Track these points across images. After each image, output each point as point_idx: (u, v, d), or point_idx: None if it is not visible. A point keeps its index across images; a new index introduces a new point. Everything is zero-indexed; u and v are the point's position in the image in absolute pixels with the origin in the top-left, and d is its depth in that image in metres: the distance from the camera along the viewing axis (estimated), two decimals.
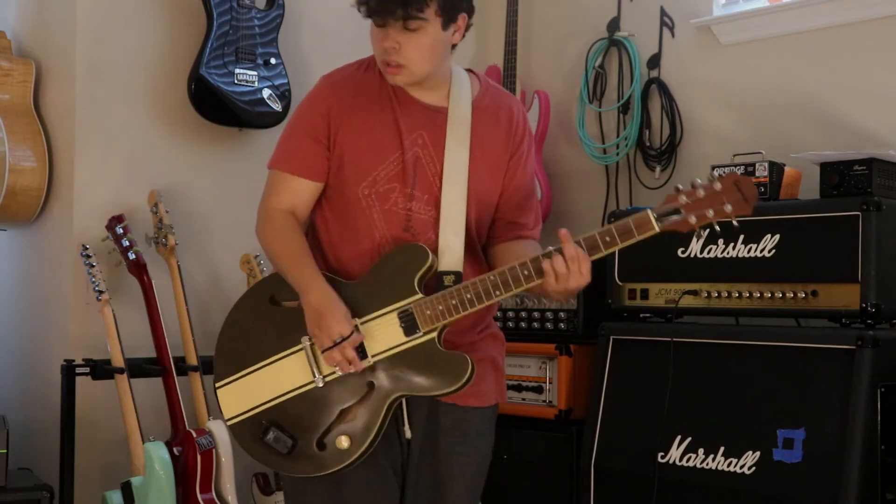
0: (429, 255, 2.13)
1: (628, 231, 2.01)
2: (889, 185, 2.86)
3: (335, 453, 2.13)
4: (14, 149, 3.57)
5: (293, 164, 2.24)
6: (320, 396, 2.15)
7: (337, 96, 2.23)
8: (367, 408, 2.13)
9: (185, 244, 3.55)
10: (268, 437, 2.16)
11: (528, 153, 2.32)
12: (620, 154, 3.89)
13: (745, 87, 3.61)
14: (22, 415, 3.68)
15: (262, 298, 2.25)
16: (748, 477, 2.76)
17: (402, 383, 2.12)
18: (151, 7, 3.65)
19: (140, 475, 3.18)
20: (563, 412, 3.31)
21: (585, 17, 4.07)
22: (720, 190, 1.97)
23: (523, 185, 2.31)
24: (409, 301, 2.11)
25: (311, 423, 2.15)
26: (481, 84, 2.31)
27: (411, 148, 2.21)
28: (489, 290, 2.08)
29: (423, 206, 2.21)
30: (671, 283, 3.09)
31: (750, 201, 1.96)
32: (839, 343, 2.69)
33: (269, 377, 2.20)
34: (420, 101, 2.23)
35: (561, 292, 2.06)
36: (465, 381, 2.09)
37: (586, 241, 2.05)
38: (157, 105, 3.66)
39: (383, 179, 2.20)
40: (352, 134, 2.21)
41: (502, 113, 2.30)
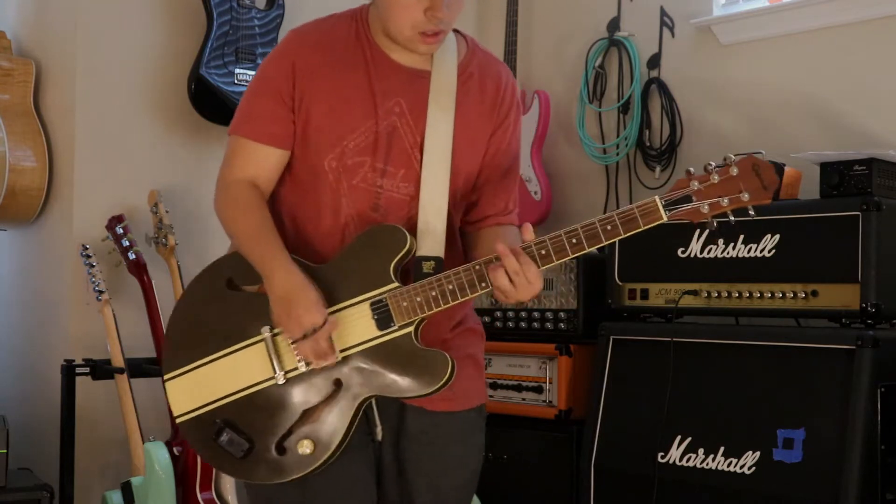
0: (407, 237, 1.90)
1: (632, 220, 1.79)
2: (889, 185, 2.86)
3: (297, 459, 1.90)
4: (14, 149, 3.57)
5: (255, 130, 1.98)
6: (281, 395, 1.92)
7: (304, 53, 1.97)
8: (333, 409, 1.90)
9: (185, 244, 3.54)
10: (221, 439, 1.93)
11: (513, 127, 2.08)
12: (620, 154, 3.89)
13: (745, 87, 3.61)
14: (22, 415, 3.68)
15: (219, 281, 2.00)
16: (748, 477, 2.76)
17: (373, 383, 1.90)
18: (151, 7, 3.65)
19: (140, 475, 3.17)
20: (563, 412, 3.31)
21: (585, 17, 4.06)
22: (737, 175, 1.76)
23: (504, 162, 2.07)
24: (383, 290, 1.89)
25: (270, 424, 1.92)
26: (468, 46, 2.07)
27: (387, 117, 1.96)
28: (474, 282, 1.86)
29: (398, 182, 1.97)
30: (671, 283, 3.09)
31: (769, 188, 1.77)
32: (839, 343, 2.69)
33: (224, 371, 1.96)
34: (399, 63, 1.98)
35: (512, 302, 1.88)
36: (443, 382, 1.87)
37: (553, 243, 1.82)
38: (157, 105, 3.66)
39: (352, 151, 1.96)
40: (319, 98, 1.96)
41: (489, 80, 2.05)
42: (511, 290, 1.83)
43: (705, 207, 1.78)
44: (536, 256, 1.83)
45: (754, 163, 1.77)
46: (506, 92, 2.07)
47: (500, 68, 2.10)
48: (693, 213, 1.79)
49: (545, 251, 1.83)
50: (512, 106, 2.08)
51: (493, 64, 2.10)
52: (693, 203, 1.79)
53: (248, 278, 1.97)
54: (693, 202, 1.79)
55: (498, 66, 2.11)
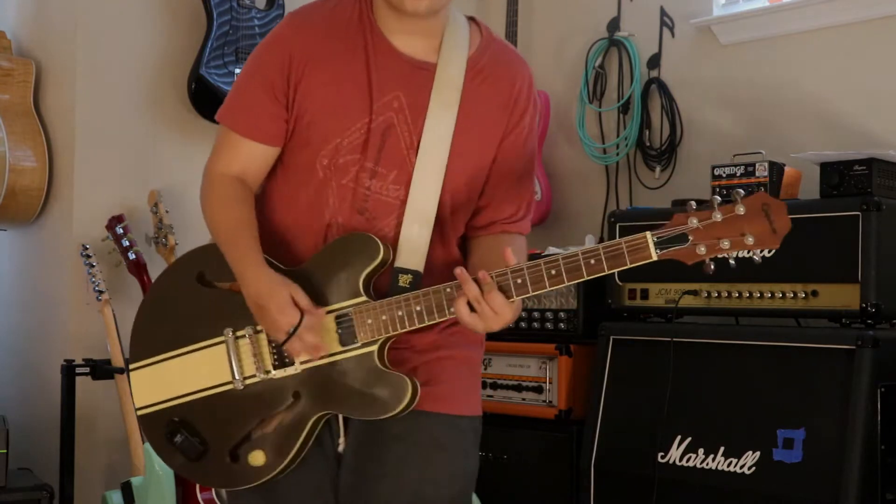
0: (380, 249, 1.78)
1: (619, 256, 1.63)
2: (889, 185, 2.86)
3: (247, 469, 1.83)
4: (14, 149, 3.57)
5: (245, 125, 1.87)
6: (238, 400, 1.84)
7: (301, 40, 1.84)
8: (288, 422, 1.81)
9: (185, 244, 3.54)
10: (175, 440, 1.88)
11: (528, 130, 1.91)
12: (620, 154, 3.89)
13: (745, 87, 3.61)
14: (22, 415, 3.68)
15: (190, 275, 1.92)
16: (748, 477, 2.76)
17: (329, 401, 1.80)
18: (151, 7, 3.65)
19: (140, 475, 3.17)
20: (563, 412, 3.30)
21: (585, 17, 4.06)
22: (743, 215, 1.60)
23: (517, 168, 1.91)
24: (350, 304, 1.78)
25: (225, 429, 1.85)
26: (482, 37, 1.90)
27: (383, 112, 1.81)
28: (443, 305, 1.72)
29: (389, 185, 1.83)
30: (671, 283, 3.09)
31: (780, 233, 1.61)
32: (839, 343, 2.69)
33: (186, 368, 1.89)
34: (402, 52, 1.83)
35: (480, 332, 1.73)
36: (402, 407, 1.74)
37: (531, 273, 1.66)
38: (157, 105, 3.66)
39: (345, 149, 1.83)
40: (313, 92, 1.83)
41: (503, 76, 1.88)
42: (472, 321, 1.69)
43: (702, 249, 1.63)
44: (511, 286, 1.68)
45: (765, 202, 1.60)
46: (521, 91, 1.90)
47: (515, 63, 1.93)
48: (687, 253, 1.63)
49: (521, 280, 1.67)
50: (528, 106, 1.91)
51: (509, 58, 1.92)
52: (689, 243, 1.63)
53: (220, 274, 1.88)
54: (689, 241, 1.63)
55: (515, 60, 1.93)
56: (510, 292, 1.68)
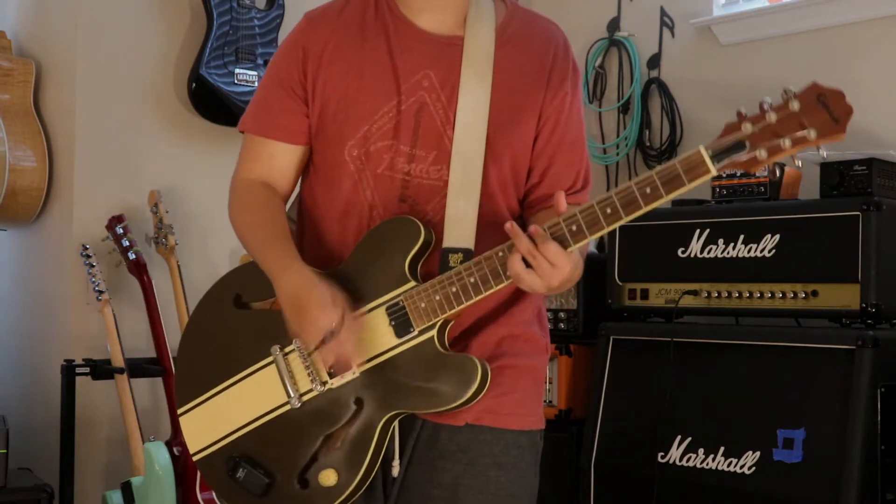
0: (420, 229, 1.66)
1: (675, 178, 1.49)
2: (889, 185, 2.86)
3: (321, 492, 1.68)
4: (14, 149, 3.57)
5: (264, 125, 1.80)
6: (299, 420, 1.70)
7: (315, 34, 1.77)
8: (356, 432, 1.67)
9: (185, 244, 3.54)
10: (238, 475, 1.74)
11: (572, 95, 1.80)
12: (620, 154, 3.89)
13: (745, 87, 3.61)
14: (22, 415, 3.68)
15: (226, 300, 1.82)
16: (748, 477, 2.76)
17: (396, 398, 1.66)
18: (152, 7, 3.65)
19: (140, 475, 3.17)
20: (563, 412, 3.30)
21: (585, 17, 4.06)
22: (799, 110, 1.45)
23: (566, 137, 1.78)
24: (399, 292, 1.66)
25: (289, 454, 1.71)
26: (507, 6, 1.81)
27: (413, 92, 1.72)
28: (497, 271, 1.59)
29: (429, 166, 1.72)
30: (671, 283, 3.09)
31: (842, 121, 1.43)
32: (839, 343, 2.69)
33: (238, 399, 1.76)
34: (426, 30, 1.74)
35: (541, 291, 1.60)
36: (472, 392, 1.62)
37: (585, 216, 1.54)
38: (157, 105, 3.66)
39: (376, 135, 1.73)
40: (333, 82, 1.75)
41: (535, 40, 1.79)
42: (528, 277, 1.55)
43: (762, 154, 1.46)
44: (566, 233, 1.54)
45: (819, 92, 1.44)
46: (557, 53, 1.79)
47: (549, 26, 1.83)
48: (749, 162, 1.48)
49: (576, 227, 1.54)
50: (569, 69, 1.80)
51: (540, 22, 1.82)
52: (747, 150, 1.48)
53: (256, 293, 1.77)
54: (747, 149, 1.48)
55: (547, 24, 1.83)
56: (566, 241, 1.55)
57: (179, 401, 1.84)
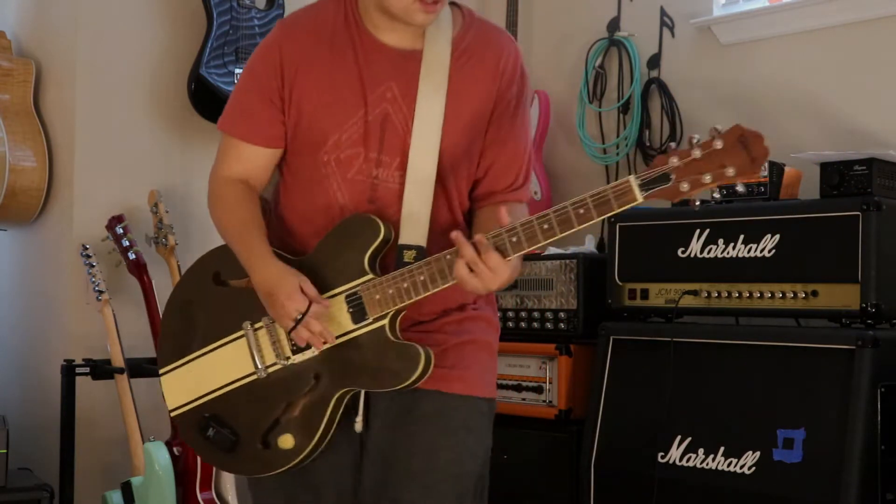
0: (380, 227, 1.86)
1: (606, 202, 1.68)
2: (889, 185, 2.86)
3: (280, 453, 1.91)
4: (14, 149, 3.57)
5: (242, 129, 1.97)
6: (264, 388, 1.93)
7: (290, 46, 1.93)
8: (312, 403, 1.89)
9: (185, 244, 3.54)
10: (208, 434, 1.97)
11: (517, 100, 1.97)
12: (620, 154, 3.89)
13: (745, 87, 3.61)
14: (22, 415, 3.68)
15: (206, 276, 2.03)
16: (748, 477, 2.76)
17: (348, 377, 1.88)
18: (151, 7, 3.65)
19: (140, 475, 3.18)
20: (563, 412, 3.30)
21: (585, 17, 4.07)
22: (721, 149, 1.63)
23: (509, 137, 1.97)
24: (358, 283, 1.86)
25: (254, 418, 1.93)
26: (464, 18, 1.97)
27: (378, 104, 1.90)
28: (444, 272, 1.79)
29: (393, 171, 1.91)
30: (671, 283, 3.09)
31: (758, 162, 1.61)
32: (839, 343, 2.69)
33: (212, 365, 1.98)
34: (389, 45, 1.92)
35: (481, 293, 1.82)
36: (416, 376, 1.83)
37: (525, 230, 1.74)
38: (157, 105, 3.66)
39: (346, 143, 1.91)
40: (308, 93, 1.92)
41: (489, 52, 1.94)
42: (471, 280, 1.76)
43: (685, 186, 1.65)
44: (508, 244, 1.75)
45: (741, 134, 1.63)
46: (507, 62, 1.96)
47: (501, 38, 1.99)
48: (672, 192, 1.66)
49: (516, 238, 1.75)
50: (515, 77, 1.97)
51: (493, 34, 1.99)
52: (672, 182, 1.66)
53: (234, 272, 1.97)
54: (672, 181, 1.66)
55: (499, 35, 1.99)
56: (506, 251, 1.75)
57: (161, 361, 2.07)
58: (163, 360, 2.07)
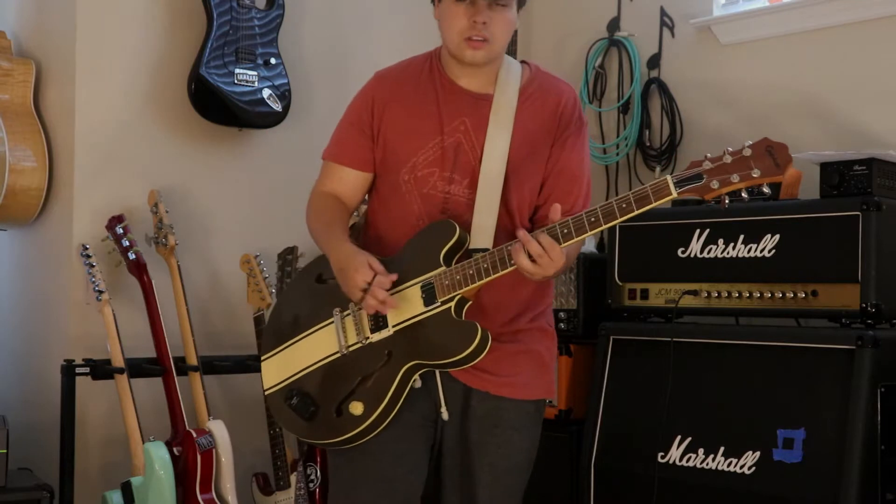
0: (455, 229, 2.16)
1: (645, 197, 1.95)
2: (889, 185, 2.86)
3: (349, 419, 2.18)
4: (14, 149, 3.57)
5: (336, 153, 2.34)
6: (343, 365, 2.22)
7: (382, 87, 2.32)
8: (383, 375, 2.16)
9: (185, 244, 3.54)
10: (291, 402, 2.25)
11: (574, 137, 2.30)
12: (620, 154, 3.90)
13: (745, 87, 3.61)
14: (22, 415, 3.68)
15: (311, 276, 2.35)
16: (748, 477, 2.76)
17: (415, 352, 2.15)
18: (151, 7, 3.65)
19: (140, 475, 3.17)
20: (563, 412, 3.31)
21: (585, 17, 4.07)
22: (749, 155, 1.90)
23: (567, 168, 2.28)
24: (432, 273, 2.15)
25: (333, 390, 2.22)
26: (532, 71, 2.33)
27: (452, 134, 2.25)
28: (505, 259, 2.08)
29: (463, 189, 2.24)
30: (671, 283, 3.09)
31: (783, 167, 1.90)
32: (839, 343, 2.69)
33: (305, 349, 2.29)
34: (465, 89, 2.28)
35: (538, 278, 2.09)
36: (472, 348, 2.09)
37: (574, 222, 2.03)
38: (157, 105, 3.66)
39: (422, 164, 2.25)
40: (394, 123, 2.28)
41: (550, 98, 2.30)
42: (533, 268, 2.03)
43: (715, 184, 1.90)
44: (559, 235, 2.03)
45: (768, 144, 1.89)
46: (565, 108, 2.28)
47: (561, 87, 2.32)
48: (703, 189, 1.92)
49: (567, 230, 2.02)
50: (572, 119, 2.29)
51: (554, 84, 2.33)
52: (704, 181, 1.91)
53: (332, 272, 2.24)
54: (704, 179, 1.91)
55: (560, 85, 2.33)
56: (558, 239, 2.03)
57: (264, 349, 2.39)
58: (264, 349, 2.38)
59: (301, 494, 3.33)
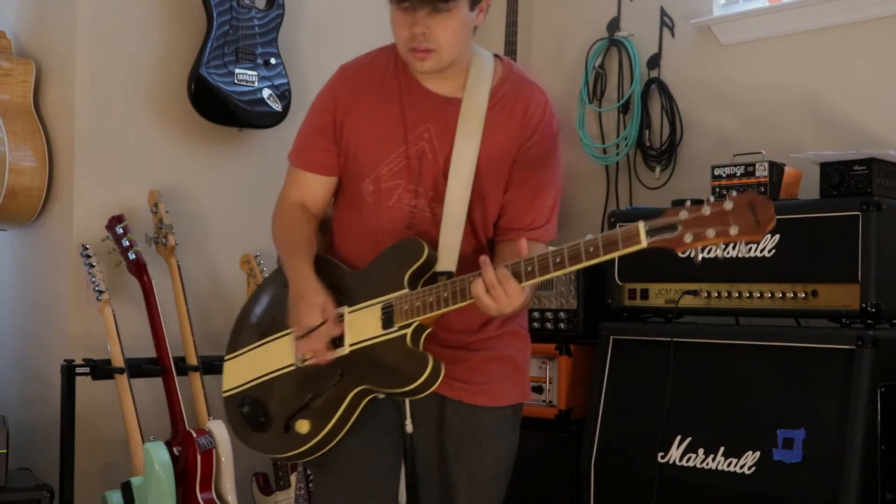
0: (423, 251, 2.04)
1: (613, 243, 1.82)
2: (889, 185, 2.86)
3: (295, 436, 2.10)
4: (14, 149, 3.57)
5: (301, 159, 2.23)
6: (297, 379, 2.13)
7: (345, 88, 2.18)
8: (333, 396, 2.07)
9: (185, 244, 3.54)
10: (242, 410, 2.19)
11: (540, 145, 2.15)
12: (620, 154, 3.89)
13: (745, 87, 3.61)
14: (22, 415, 3.68)
15: (280, 282, 2.26)
16: (748, 477, 2.76)
17: (366, 377, 2.05)
18: (151, 7, 3.65)
19: (140, 475, 3.18)
20: (563, 412, 3.31)
21: (585, 17, 4.07)
22: (730, 210, 1.71)
23: (530, 180, 2.15)
24: (394, 295, 2.04)
25: (284, 403, 2.14)
26: (504, 70, 2.17)
27: (416, 142, 2.12)
28: (465, 290, 1.95)
29: (427, 202, 2.13)
30: (671, 283, 3.09)
31: (763, 226, 1.69)
32: (839, 343, 2.69)
33: (264, 356, 2.21)
34: (432, 90, 2.13)
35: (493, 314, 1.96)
36: (421, 381, 1.98)
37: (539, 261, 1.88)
38: (157, 105, 3.66)
39: (386, 176, 2.13)
40: (356, 128, 2.15)
41: (520, 102, 2.14)
42: (487, 302, 1.92)
43: (689, 237, 1.76)
44: (522, 272, 1.90)
45: (751, 199, 1.70)
46: (534, 112, 2.14)
47: (532, 90, 2.17)
48: (676, 241, 1.78)
49: (531, 268, 1.89)
50: (540, 125, 2.14)
51: (526, 86, 2.17)
52: (678, 232, 1.77)
53: None
54: (678, 231, 1.77)
55: (531, 87, 2.18)
56: (521, 278, 1.90)
57: (228, 350, 2.31)
58: (229, 349, 2.31)
59: (301, 494, 3.33)
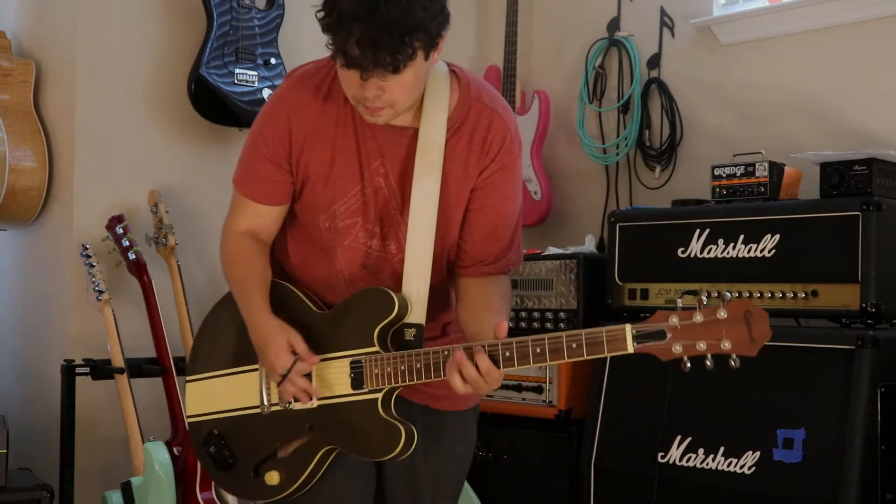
0: (394, 305, 1.92)
1: (598, 344, 1.73)
2: (889, 185, 2.86)
3: (265, 486, 2.02)
4: (14, 149, 3.57)
5: (252, 191, 2.05)
6: (264, 423, 2.03)
7: (298, 119, 1.98)
8: (302, 449, 1.99)
9: (185, 244, 3.54)
10: (210, 450, 2.11)
11: (499, 174, 1.99)
12: (620, 154, 3.89)
13: (745, 87, 3.61)
14: (22, 415, 3.68)
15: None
16: (748, 477, 2.76)
17: (336, 437, 1.98)
18: (151, 7, 3.65)
19: (140, 475, 3.17)
20: (563, 412, 3.30)
21: (585, 17, 4.07)
22: (723, 319, 1.64)
23: (492, 208, 2.01)
24: (363, 352, 1.94)
25: (252, 447, 2.05)
26: (461, 93, 1.97)
27: (372, 178, 1.98)
28: (440, 366, 1.86)
29: (384, 242, 2.01)
30: (671, 283, 3.09)
31: (757, 342, 1.63)
32: (839, 343, 2.69)
33: (230, 387, 2.10)
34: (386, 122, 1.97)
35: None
36: (393, 455, 1.92)
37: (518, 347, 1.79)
38: (157, 105, 3.66)
39: (343, 214, 2.01)
40: (313, 164, 1.99)
41: (478, 130, 1.97)
42: (462, 387, 1.83)
43: (678, 348, 1.68)
44: (500, 358, 1.82)
45: (747, 309, 1.63)
46: (493, 139, 1.97)
47: (491, 117, 1.98)
48: (663, 349, 1.69)
49: (509, 354, 1.81)
50: (499, 154, 1.98)
51: (485, 112, 1.98)
52: (667, 340, 1.69)
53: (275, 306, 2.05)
54: (667, 339, 1.69)
55: (491, 114, 1.99)
56: (498, 364, 1.82)
57: (189, 370, 2.19)
58: (192, 369, 2.19)
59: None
